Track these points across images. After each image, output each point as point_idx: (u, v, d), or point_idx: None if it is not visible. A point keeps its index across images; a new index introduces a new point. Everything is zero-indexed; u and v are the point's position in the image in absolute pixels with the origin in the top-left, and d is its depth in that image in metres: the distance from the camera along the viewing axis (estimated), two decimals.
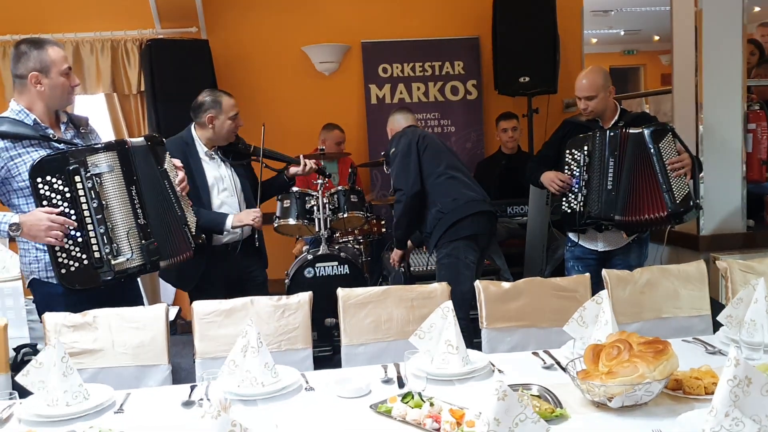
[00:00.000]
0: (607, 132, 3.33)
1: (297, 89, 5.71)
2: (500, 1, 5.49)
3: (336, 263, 4.34)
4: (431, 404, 1.80)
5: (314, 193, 4.25)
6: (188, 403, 1.99)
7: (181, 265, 2.88)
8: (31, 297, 3.86)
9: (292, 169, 3.64)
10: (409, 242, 4.11)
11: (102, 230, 2.51)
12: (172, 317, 5.06)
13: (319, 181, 4.16)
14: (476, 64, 5.91)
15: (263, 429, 1.75)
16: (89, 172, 2.50)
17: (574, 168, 3.38)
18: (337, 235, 4.80)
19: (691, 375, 1.87)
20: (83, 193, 2.50)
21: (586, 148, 3.34)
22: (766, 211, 4.25)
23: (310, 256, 4.35)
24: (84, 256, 2.52)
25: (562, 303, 2.64)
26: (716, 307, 2.71)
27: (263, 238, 3.73)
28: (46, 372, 1.98)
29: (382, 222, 4.97)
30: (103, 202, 2.53)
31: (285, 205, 4.30)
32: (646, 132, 3.23)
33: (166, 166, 2.74)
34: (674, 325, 2.69)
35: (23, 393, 2.03)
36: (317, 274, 4.32)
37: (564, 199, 3.42)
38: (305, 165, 3.65)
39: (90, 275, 2.52)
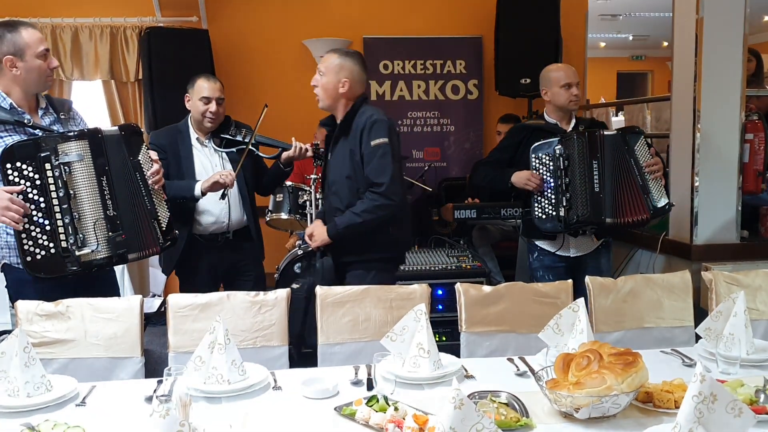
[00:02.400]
0: (586, 134, 3.27)
1: (296, 83, 5.65)
2: (504, 2, 5.45)
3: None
4: (396, 408, 1.77)
5: (307, 188, 4.22)
6: (151, 398, 1.96)
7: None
8: None
9: (285, 154, 3.51)
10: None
11: (68, 220, 2.48)
12: (155, 308, 5.04)
13: (312, 176, 4.12)
14: (478, 63, 5.87)
15: (218, 429, 1.72)
16: (58, 160, 2.47)
17: (543, 172, 3.28)
18: None
19: (662, 388, 1.84)
20: (52, 182, 2.47)
21: (559, 150, 3.23)
22: (761, 222, 4.19)
23: (300, 252, 4.33)
24: (51, 245, 2.49)
25: (543, 309, 2.60)
26: (704, 317, 2.67)
27: (260, 230, 3.63)
28: (8, 361, 1.95)
29: None
30: (71, 192, 2.49)
31: (278, 200, 4.27)
32: (622, 134, 3.26)
33: (140, 158, 2.69)
34: (656, 336, 2.65)
35: None
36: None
37: (536, 205, 3.31)
38: (298, 148, 3.46)
39: (56, 264, 2.50)
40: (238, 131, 3.47)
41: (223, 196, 3.27)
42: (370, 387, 2.02)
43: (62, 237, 2.49)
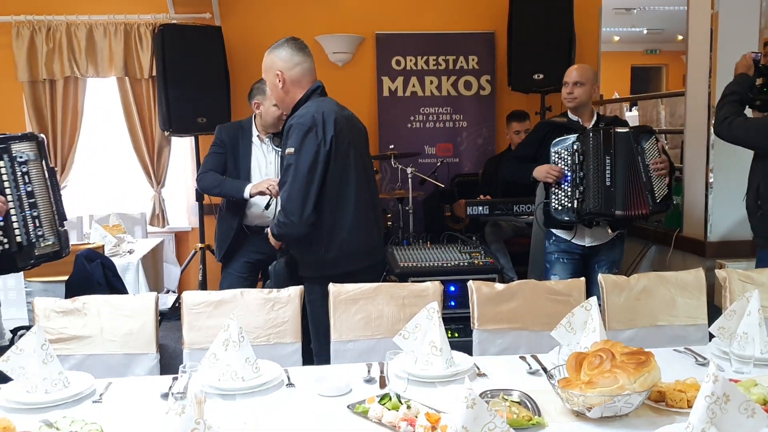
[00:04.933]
0: (601, 131, 3.38)
1: None
2: None
3: None
4: (408, 407, 1.78)
5: None
6: (167, 395, 1.98)
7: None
8: (32, 279, 3.93)
9: None
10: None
11: (36, 214, 2.69)
12: (169, 303, 5.09)
13: None
14: (491, 59, 5.85)
15: (232, 426, 1.73)
16: (16, 159, 2.67)
17: (562, 166, 3.43)
18: None
19: (675, 387, 1.83)
20: (8, 179, 2.65)
21: (576, 146, 3.38)
22: None
23: None
24: (5, 240, 2.67)
25: (555, 306, 2.60)
26: (717, 315, 2.66)
27: None
28: (26, 358, 1.98)
29: (388, 215, 4.94)
30: (30, 190, 2.71)
31: None
32: (633, 132, 3.38)
33: (52, 165, 2.97)
34: (669, 334, 2.64)
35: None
36: None
37: (554, 197, 3.46)
38: None
39: (8, 260, 2.69)
40: None
41: (267, 206, 3.43)
42: (382, 385, 2.03)
43: (17, 232, 2.70)
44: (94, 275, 3.55)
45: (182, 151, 5.79)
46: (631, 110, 7.96)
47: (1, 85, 5.38)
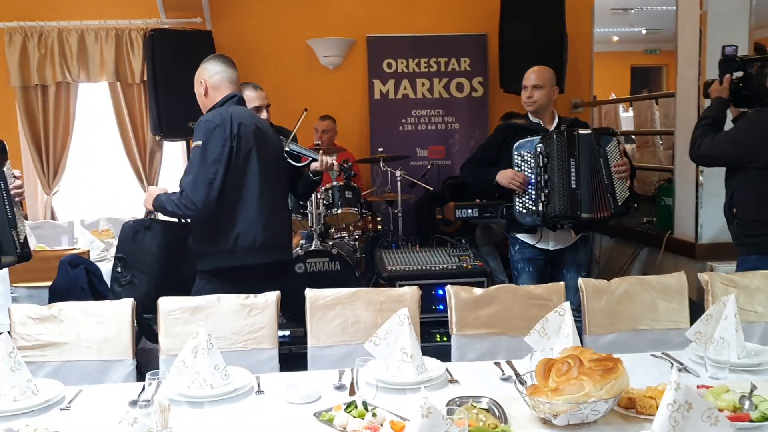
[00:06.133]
0: (565, 133, 3.35)
1: (300, 82, 5.68)
2: None
3: (327, 259, 4.33)
4: (374, 414, 1.77)
5: None
6: (135, 403, 1.97)
7: None
8: (18, 285, 3.92)
9: (313, 165, 3.51)
10: None
11: None
12: None
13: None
14: (483, 61, 5.85)
15: None
16: None
17: (525, 169, 3.39)
18: (332, 230, 4.78)
19: (645, 394, 1.81)
20: None
21: (540, 148, 3.34)
22: None
23: (301, 252, 4.34)
24: None
25: (534, 311, 2.57)
26: None
27: (290, 232, 3.66)
28: None
29: (378, 219, 4.93)
30: None
31: None
32: (596, 134, 3.36)
33: (4, 170, 2.77)
34: (650, 338, 2.61)
35: None
36: (308, 270, 4.32)
37: (518, 200, 3.41)
38: (324, 161, 3.42)
39: None
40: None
41: None
42: (352, 392, 2.01)
43: None
44: (78, 281, 3.53)
45: (174, 156, 5.79)
46: (628, 111, 7.93)
47: None
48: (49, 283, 3.75)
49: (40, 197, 5.61)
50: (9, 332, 2.40)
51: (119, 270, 3.04)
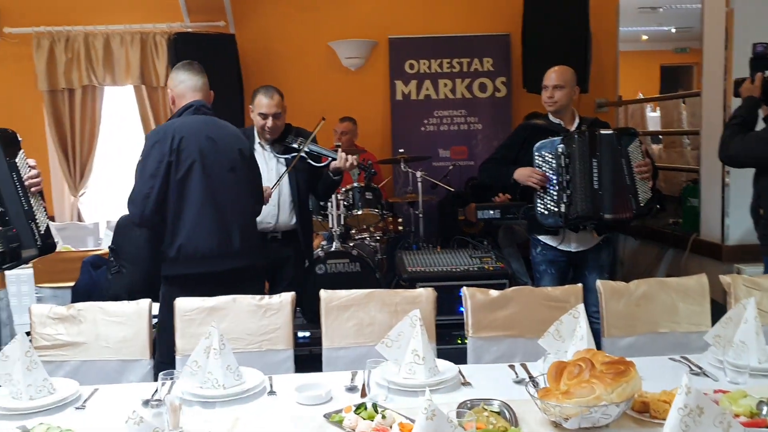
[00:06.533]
0: (587, 133, 3.31)
1: (322, 84, 5.70)
2: None
3: (347, 260, 4.33)
4: (383, 416, 1.76)
5: None
6: (147, 402, 1.99)
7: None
8: (43, 285, 4.00)
9: (333, 164, 3.56)
10: None
11: None
12: None
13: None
14: (506, 61, 5.81)
15: None
16: None
17: (546, 169, 3.34)
18: (353, 231, 4.78)
19: (659, 397, 1.78)
20: None
21: (561, 149, 3.29)
22: None
23: (321, 253, 4.35)
24: None
25: (552, 313, 2.53)
26: None
27: (310, 234, 3.77)
28: (11, 365, 2.00)
29: (399, 219, 4.92)
30: None
31: None
32: (618, 135, 3.32)
33: (17, 160, 2.66)
34: (670, 341, 2.57)
35: None
36: (328, 271, 4.32)
37: (539, 201, 3.37)
38: (344, 159, 3.49)
39: None
40: (294, 139, 3.57)
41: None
42: (363, 394, 2.01)
43: None
44: (100, 281, 3.58)
45: None
46: (655, 111, 7.81)
47: (22, 94, 5.50)
48: (71, 284, 3.81)
49: (67, 199, 5.70)
50: (28, 332, 2.42)
51: (111, 260, 3.16)
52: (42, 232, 2.69)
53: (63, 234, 4.89)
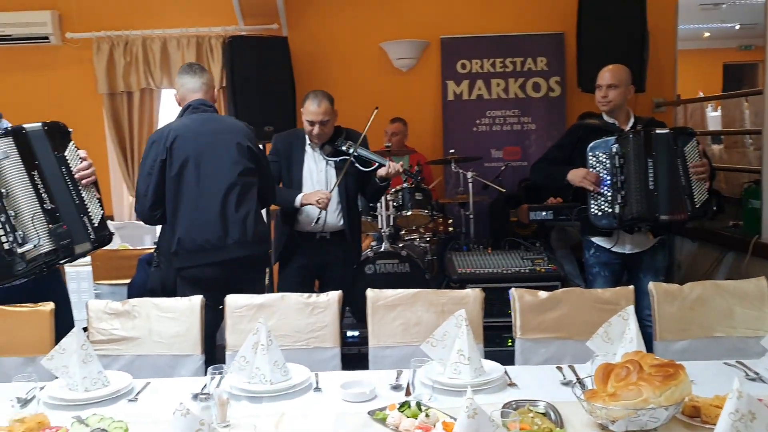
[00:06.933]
0: (642, 133, 3.25)
1: (373, 86, 5.71)
2: None
3: (396, 261, 4.34)
4: (427, 415, 1.76)
5: None
6: (197, 396, 2.03)
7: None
8: (101, 282, 4.12)
9: (379, 171, 3.60)
10: None
11: (3, 219, 2.38)
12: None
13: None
14: (560, 60, 5.72)
15: (254, 428, 1.75)
16: None
17: (600, 169, 3.29)
18: (403, 232, 4.78)
19: (711, 402, 1.73)
20: None
21: (616, 149, 3.24)
22: None
23: (371, 253, 4.37)
24: None
25: (602, 315, 2.47)
26: None
27: (359, 235, 3.81)
28: (68, 358, 2.07)
29: (450, 221, 4.90)
30: (2, 191, 2.40)
31: None
32: (674, 135, 3.24)
33: (66, 153, 2.62)
34: (726, 346, 2.49)
35: None
36: (377, 271, 4.34)
37: (593, 202, 3.31)
38: (391, 167, 3.54)
39: (2, 268, 2.39)
40: (344, 141, 3.60)
41: (317, 221, 3.49)
42: (408, 393, 2.01)
43: (2, 239, 2.38)
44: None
45: None
46: (717, 110, 7.57)
47: (83, 97, 5.67)
48: (128, 281, 3.92)
49: (126, 199, 5.86)
50: (85, 327, 2.49)
51: (155, 254, 3.37)
52: (96, 224, 2.66)
53: (121, 233, 5.03)
